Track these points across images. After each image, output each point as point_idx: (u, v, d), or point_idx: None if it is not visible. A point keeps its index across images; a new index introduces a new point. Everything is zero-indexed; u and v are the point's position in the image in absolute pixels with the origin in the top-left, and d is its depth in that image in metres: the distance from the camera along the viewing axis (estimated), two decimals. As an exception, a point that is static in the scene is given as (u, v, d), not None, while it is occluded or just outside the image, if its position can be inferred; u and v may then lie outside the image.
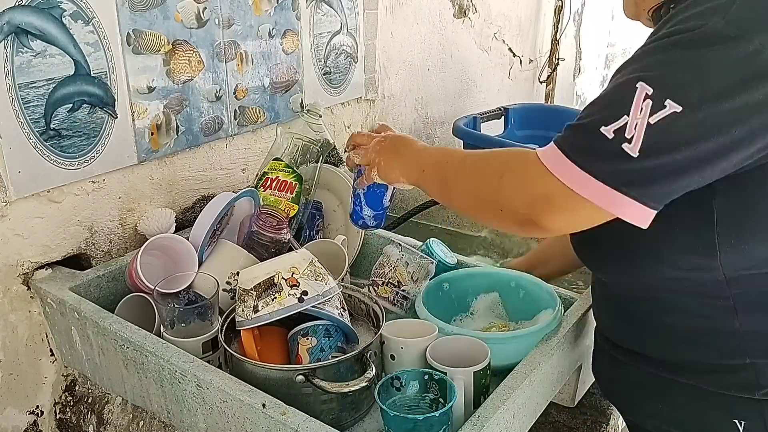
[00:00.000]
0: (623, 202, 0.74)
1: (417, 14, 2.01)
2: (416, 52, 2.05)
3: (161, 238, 1.14)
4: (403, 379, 0.93)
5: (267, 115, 1.52)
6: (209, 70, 1.36)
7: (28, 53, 1.06)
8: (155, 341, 1.00)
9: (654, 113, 0.70)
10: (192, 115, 1.35)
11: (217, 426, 0.95)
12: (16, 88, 1.05)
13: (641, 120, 0.71)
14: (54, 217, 1.17)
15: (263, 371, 0.93)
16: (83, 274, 1.17)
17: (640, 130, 0.71)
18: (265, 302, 0.97)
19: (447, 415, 0.87)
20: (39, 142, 1.10)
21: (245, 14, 1.40)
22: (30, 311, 1.18)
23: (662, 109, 0.70)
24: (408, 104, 2.07)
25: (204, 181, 1.42)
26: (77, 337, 1.13)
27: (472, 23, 2.29)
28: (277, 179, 1.29)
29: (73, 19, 1.10)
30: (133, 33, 1.20)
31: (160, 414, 1.05)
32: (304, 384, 0.92)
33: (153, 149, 1.29)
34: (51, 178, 1.13)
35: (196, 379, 0.94)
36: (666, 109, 0.70)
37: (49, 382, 1.23)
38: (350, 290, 1.12)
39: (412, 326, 1.05)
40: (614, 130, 0.72)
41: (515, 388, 0.93)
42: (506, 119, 2.29)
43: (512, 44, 2.56)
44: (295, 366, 0.95)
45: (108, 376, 1.12)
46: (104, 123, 1.19)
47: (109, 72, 1.17)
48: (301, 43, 1.56)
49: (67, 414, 1.22)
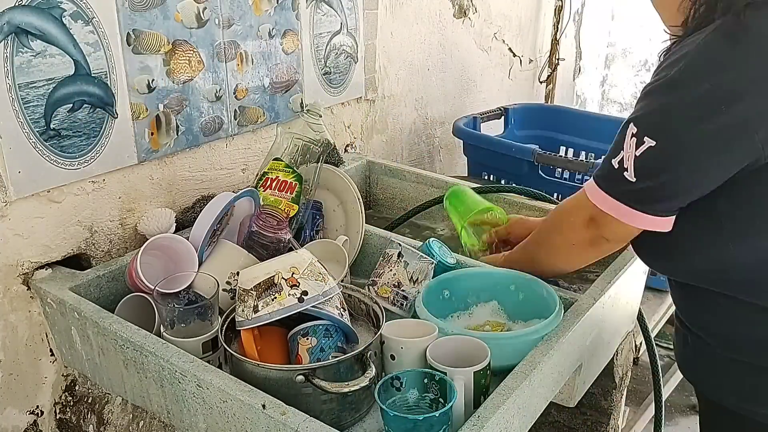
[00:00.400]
0: (635, 215, 0.95)
1: (417, 14, 2.01)
2: (416, 52, 2.05)
3: (161, 238, 1.14)
4: (403, 379, 0.93)
5: (267, 115, 1.52)
6: (209, 70, 1.36)
7: (28, 53, 1.06)
8: (155, 341, 1.00)
9: (638, 147, 0.91)
10: (192, 115, 1.35)
11: (217, 426, 0.95)
12: (16, 88, 1.05)
13: (630, 153, 0.92)
14: (54, 217, 1.17)
15: (263, 371, 0.93)
16: (83, 274, 1.17)
17: (630, 160, 0.92)
18: (265, 302, 0.97)
19: (447, 415, 0.87)
20: (39, 142, 1.10)
21: (245, 14, 1.40)
22: (30, 311, 1.18)
23: (643, 144, 0.90)
24: (408, 104, 2.07)
25: (204, 181, 1.42)
26: (77, 337, 1.13)
27: (472, 23, 2.29)
28: (277, 179, 1.29)
29: (73, 19, 1.10)
30: (133, 33, 1.20)
31: (160, 414, 1.05)
32: (304, 384, 0.92)
33: (153, 149, 1.29)
34: (51, 178, 1.13)
35: (196, 379, 0.94)
36: (645, 144, 0.90)
37: (49, 382, 1.23)
38: (350, 290, 1.12)
39: (412, 326, 1.05)
40: (617, 162, 0.94)
41: (515, 388, 0.93)
42: (506, 119, 2.29)
43: (512, 44, 2.56)
44: (295, 366, 0.95)
45: (108, 376, 1.12)
46: (104, 123, 1.19)
47: (109, 72, 1.17)
48: (301, 43, 1.55)
49: (67, 414, 1.22)
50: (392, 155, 2.04)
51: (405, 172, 1.66)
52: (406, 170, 1.66)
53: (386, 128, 1.98)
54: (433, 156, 2.27)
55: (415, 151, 2.17)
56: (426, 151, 2.23)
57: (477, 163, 2.06)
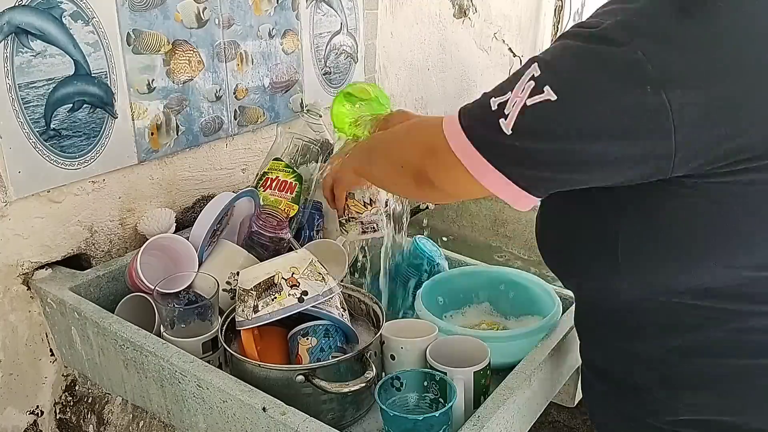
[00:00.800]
0: (488, 171, 0.74)
1: (417, 14, 2.00)
2: (416, 52, 2.04)
3: (161, 238, 1.14)
4: (403, 380, 0.93)
5: (267, 115, 1.52)
6: (209, 70, 1.36)
7: (28, 53, 1.06)
8: (155, 341, 1.00)
9: (532, 95, 0.69)
10: (192, 115, 1.35)
11: (217, 426, 0.95)
12: (16, 88, 1.05)
13: (520, 99, 0.70)
14: (54, 217, 1.17)
15: (263, 371, 0.93)
16: (83, 274, 1.17)
17: (516, 108, 0.70)
18: (265, 302, 0.97)
19: (447, 415, 0.87)
20: (39, 142, 1.10)
21: (245, 14, 1.40)
22: (30, 311, 1.18)
23: (540, 93, 0.69)
24: (408, 104, 2.07)
25: (204, 181, 1.42)
26: (77, 337, 1.13)
27: (472, 23, 2.29)
28: (277, 179, 1.29)
29: (73, 19, 1.10)
30: (133, 33, 1.20)
31: (160, 414, 1.05)
32: (304, 384, 0.92)
33: (153, 149, 1.29)
34: (51, 178, 1.13)
35: (196, 379, 0.94)
36: (543, 94, 0.68)
37: (49, 382, 1.23)
38: (350, 290, 1.12)
39: (412, 326, 1.05)
40: (498, 103, 0.72)
41: (515, 388, 0.93)
42: (506, 119, 2.29)
43: (512, 44, 2.56)
44: (295, 366, 0.95)
45: (108, 376, 1.12)
46: (104, 123, 1.19)
47: (109, 72, 1.17)
48: (301, 43, 1.55)
49: (67, 414, 1.22)
50: (392, 155, 2.04)
51: (405, 172, 1.66)
52: (406, 170, 1.66)
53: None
54: (433, 156, 2.27)
55: (415, 151, 2.16)
56: (426, 151, 2.23)
57: (477, 163, 2.06)
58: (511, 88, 0.71)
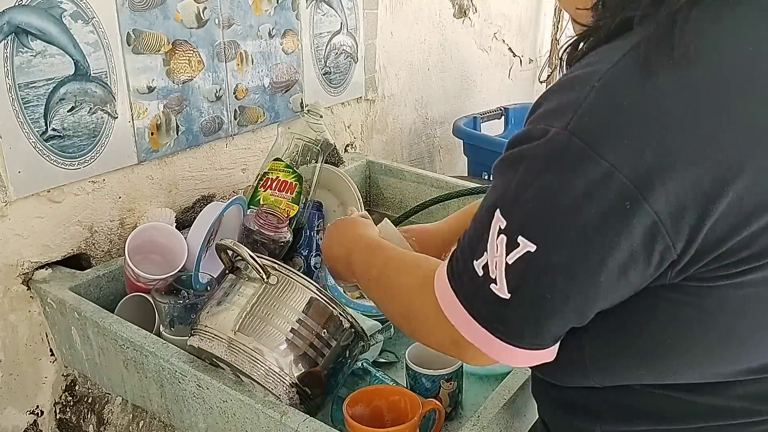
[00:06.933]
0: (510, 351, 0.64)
1: (417, 14, 2.00)
2: (416, 52, 2.04)
3: (139, 234, 1.13)
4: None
5: (267, 115, 1.52)
6: (209, 70, 1.36)
7: (28, 53, 1.05)
8: (155, 341, 1.00)
9: (509, 252, 0.59)
10: (192, 115, 1.34)
11: (217, 426, 0.95)
12: (16, 88, 1.05)
13: (499, 259, 0.60)
14: (54, 217, 1.17)
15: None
16: (83, 274, 1.17)
17: (500, 270, 0.60)
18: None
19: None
20: (39, 142, 1.10)
21: (245, 14, 1.40)
22: (30, 311, 1.18)
23: (516, 247, 0.59)
24: (408, 104, 2.07)
25: (204, 181, 1.42)
26: (77, 337, 1.13)
27: (472, 23, 2.29)
28: (277, 179, 1.29)
29: (73, 19, 1.10)
30: (133, 33, 1.20)
31: (160, 414, 1.05)
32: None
33: (153, 149, 1.29)
34: (51, 178, 1.13)
35: (196, 379, 0.94)
36: (520, 247, 0.59)
37: (49, 382, 1.23)
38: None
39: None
40: (482, 267, 0.62)
41: (515, 388, 0.93)
42: (506, 119, 2.29)
43: (512, 44, 2.56)
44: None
45: (108, 376, 1.12)
46: (104, 123, 1.19)
47: (109, 72, 1.17)
48: (301, 43, 1.56)
49: (67, 414, 1.22)
50: (392, 155, 2.04)
51: (405, 172, 1.66)
52: (406, 170, 1.66)
53: (386, 128, 1.98)
54: (433, 156, 2.27)
55: (415, 151, 2.17)
56: (426, 151, 2.23)
57: (477, 164, 2.06)
58: (485, 248, 0.62)
